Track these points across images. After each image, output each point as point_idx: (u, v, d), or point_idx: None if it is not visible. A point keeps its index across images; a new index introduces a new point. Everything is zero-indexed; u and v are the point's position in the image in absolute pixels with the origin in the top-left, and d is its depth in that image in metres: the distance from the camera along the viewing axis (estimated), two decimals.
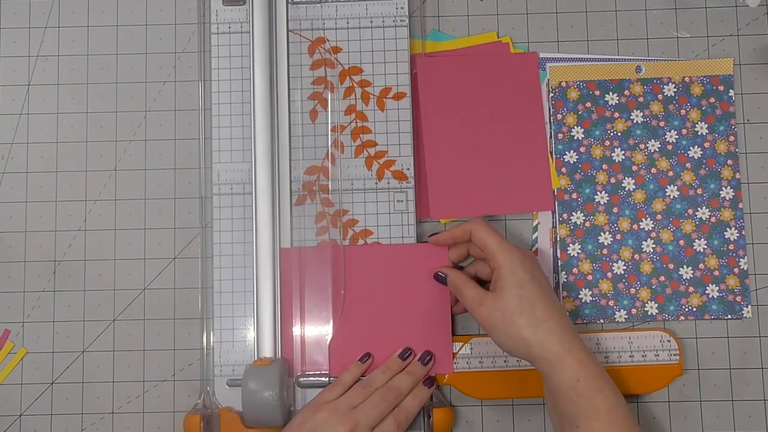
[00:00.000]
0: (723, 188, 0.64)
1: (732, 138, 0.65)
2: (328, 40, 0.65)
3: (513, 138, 0.64)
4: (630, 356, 0.62)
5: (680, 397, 0.63)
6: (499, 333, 0.55)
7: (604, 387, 0.53)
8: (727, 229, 0.64)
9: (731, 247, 0.64)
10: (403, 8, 0.65)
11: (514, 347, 0.55)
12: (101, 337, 0.64)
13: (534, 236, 0.64)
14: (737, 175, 0.64)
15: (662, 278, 0.63)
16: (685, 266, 0.63)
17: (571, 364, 0.54)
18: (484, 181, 0.64)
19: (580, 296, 0.63)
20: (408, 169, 0.64)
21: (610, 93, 0.65)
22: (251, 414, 0.59)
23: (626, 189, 0.64)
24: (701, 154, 0.64)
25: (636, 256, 0.64)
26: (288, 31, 0.65)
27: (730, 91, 0.65)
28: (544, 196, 0.64)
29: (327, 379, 0.61)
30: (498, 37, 0.66)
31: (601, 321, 0.63)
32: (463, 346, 0.62)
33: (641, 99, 0.65)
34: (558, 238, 0.64)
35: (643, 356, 0.62)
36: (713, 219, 0.64)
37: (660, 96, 0.65)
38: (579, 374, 0.53)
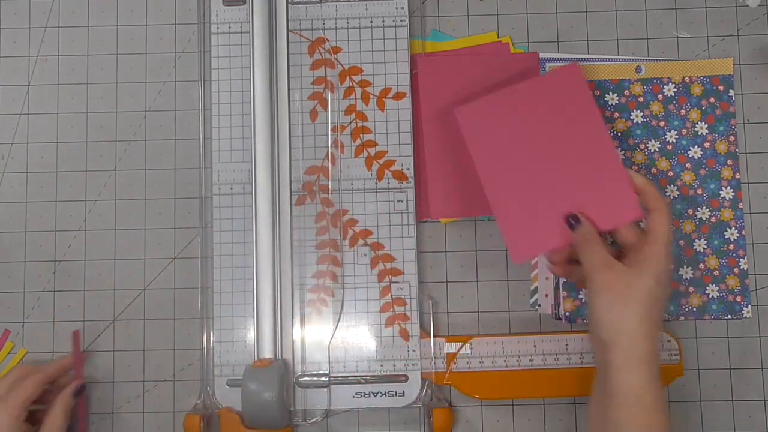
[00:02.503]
0: (723, 188, 0.64)
1: (732, 138, 0.65)
2: (328, 40, 0.65)
3: None
4: None
5: (680, 397, 0.63)
6: (604, 304, 0.53)
7: (662, 408, 0.52)
8: (727, 229, 0.64)
9: (731, 247, 0.64)
10: (403, 8, 0.65)
11: (607, 326, 0.53)
12: (101, 336, 0.64)
13: None
14: (737, 175, 0.64)
15: None
16: (685, 266, 0.63)
17: (647, 372, 0.52)
18: None
19: (580, 296, 0.63)
20: (408, 169, 0.64)
21: (610, 93, 0.65)
22: (251, 415, 0.59)
23: None
24: (701, 154, 0.64)
25: None
26: (288, 31, 0.65)
27: (730, 91, 0.65)
28: None
29: (327, 379, 0.61)
30: (498, 37, 0.66)
31: None
32: (462, 346, 0.62)
33: (641, 99, 0.65)
34: None
35: None
36: (713, 219, 0.64)
37: (660, 96, 0.65)
38: (648, 386, 0.51)
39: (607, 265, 0.54)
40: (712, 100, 0.65)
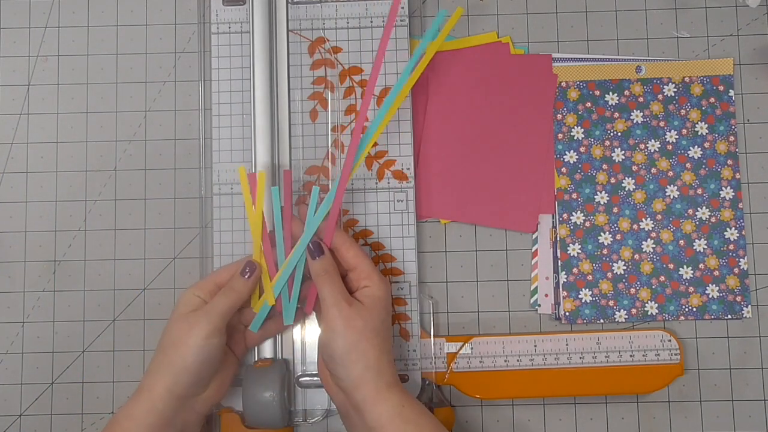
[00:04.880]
0: (723, 188, 0.64)
1: (732, 138, 0.65)
2: (328, 40, 0.65)
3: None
4: (630, 356, 0.62)
5: (680, 397, 0.63)
6: (347, 340, 0.54)
7: (425, 412, 0.54)
8: (727, 229, 0.64)
9: (731, 247, 0.64)
10: (403, 8, 0.65)
11: (349, 363, 0.54)
12: (101, 337, 0.64)
13: (534, 236, 0.64)
14: (737, 175, 0.64)
15: (662, 278, 0.63)
16: (685, 266, 0.64)
17: (398, 392, 0.54)
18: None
19: (580, 296, 0.63)
20: (408, 169, 0.64)
21: (610, 93, 0.65)
22: (251, 414, 0.59)
23: (626, 189, 0.64)
24: (701, 154, 0.64)
25: (636, 256, 0.64)
26: (288, 31, 0.65)
27: (730, 91, 0.65)
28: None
29: None
30: (498, 37, 0.66)
31: (601, 321, 0.63)
32: (463, 346, 0.62)
33: (641, 99, 0.65)
34: (558, 238, 0.64)
35: (643, 356, 0.62)
36: (713, 219, 0.64)
37: (660, 96, 0.65)
38: (403, 401, 0.53)
39: (349, 302, 0.55)
40: (712, 100, 0.65)
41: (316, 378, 0.61)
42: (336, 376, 0.55)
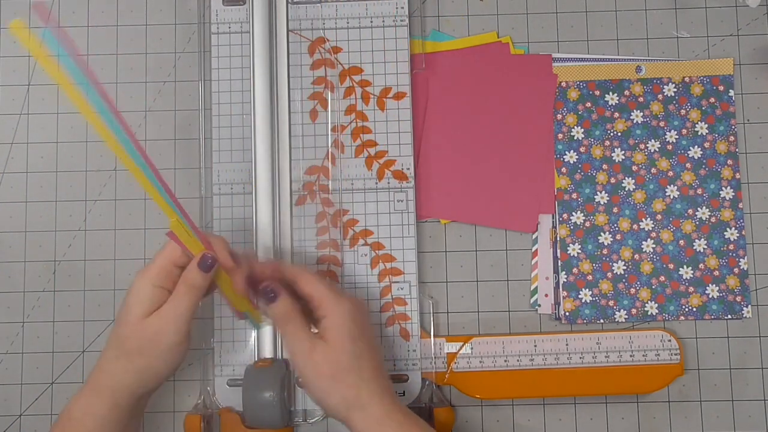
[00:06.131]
0: (723, 188, 0.64)
1: (732, 138, 0.65)
2: (328, 40, 0.65)
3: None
4: (630, 356, 0.62)
5: (680, 397, 0.63)
6: (320, 387, 0.52)
7: (413, 423, 0.52)
8: (727, 229, 0.64)
9: (731, 247, 0.64)
10: (403, 8, 0.65)
11: (333, 406, 0.52)
12: (101, 337, 0.64)
13: (534, 236, 0.64)
14: (737, 175, 0.64)
15: (662, 278, 0.63)
16: (685, 266, 0.64)
17: (391, 426, 0.52)
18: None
19: (580, 296, 0.63)
20: (408, 169, 0.64)
21: (610, 93, 0.65)
22: (251, 414, 0.59)
23: (626, 189, 0.64)
24: (701, 154, 0.64)
25: (636, 256, 0.64)
26: (288, 31, 0.65)
27: (730, 91, 0.65)
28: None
29: None
30: (498, 37, 0.66)
31: (601, 321, 0.63)
32: (463, 345, 0.62)
33: (641, 99, 0.65)
34: (558, 238, 0.64)
35: (643, 356, 0.62)
36: (713, 219, 0.64)
37: (660, 96, 0.65)
38: (390, 424, 0.51)
39: (311, 347, 0.52)
40: (712, 100, 0.65)
41: None
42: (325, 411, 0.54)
